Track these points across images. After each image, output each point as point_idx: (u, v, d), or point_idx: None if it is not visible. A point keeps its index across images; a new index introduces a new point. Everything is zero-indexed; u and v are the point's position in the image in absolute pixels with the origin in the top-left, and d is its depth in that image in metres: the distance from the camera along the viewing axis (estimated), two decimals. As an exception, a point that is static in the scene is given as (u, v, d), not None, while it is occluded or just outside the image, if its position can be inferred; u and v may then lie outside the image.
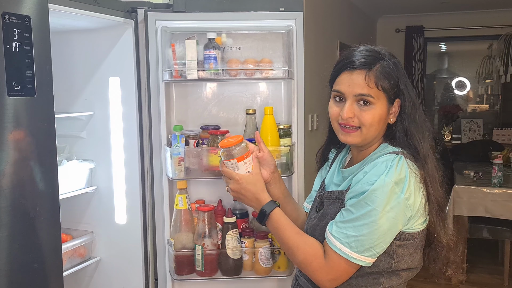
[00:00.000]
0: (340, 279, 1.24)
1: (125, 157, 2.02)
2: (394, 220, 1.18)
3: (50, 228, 1.40)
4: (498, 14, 5.87)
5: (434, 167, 1.27)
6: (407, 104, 1.26)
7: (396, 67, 1.26)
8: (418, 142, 1.26)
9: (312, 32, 3.50)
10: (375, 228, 1.17)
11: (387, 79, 1.23)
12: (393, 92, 1.25)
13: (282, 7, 1.93)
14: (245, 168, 1.36)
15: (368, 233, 1.17)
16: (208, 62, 1.82)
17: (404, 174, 1.19)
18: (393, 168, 1.19)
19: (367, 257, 1.20)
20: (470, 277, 3.79)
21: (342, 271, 1.22)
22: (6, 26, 1.22)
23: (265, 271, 1.94)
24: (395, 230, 1.21)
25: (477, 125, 6.18)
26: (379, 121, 1.26)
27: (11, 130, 1.25)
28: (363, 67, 1.24)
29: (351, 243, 1.19)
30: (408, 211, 1.20)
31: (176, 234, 1.91)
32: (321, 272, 1.24)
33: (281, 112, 2.06)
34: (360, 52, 1.27)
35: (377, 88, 1.23)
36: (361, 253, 1.19)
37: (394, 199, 1.17)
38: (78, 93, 2.06)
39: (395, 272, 1.26)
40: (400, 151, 1.25)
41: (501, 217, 3.49)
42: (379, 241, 1.19)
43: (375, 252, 1.20)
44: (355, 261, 1.19)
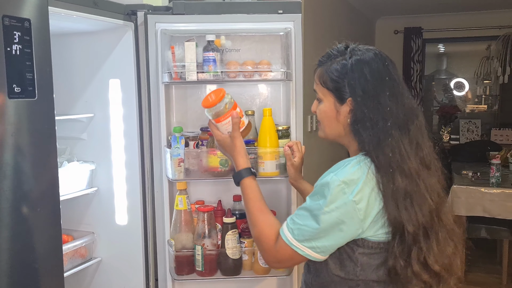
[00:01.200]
0: (285, 263, 1.29)
1: (125, 158, 2.03)
2: (338, 220, 1.15)
3: (51, 229, 1.42)
4: (496, 15, 5.88)
5: (415, 185, 1.17)
6: (360, 107, 1.21)
7: (344, 67, 1.23)
8: (380, 151, 1.18)
9: (311, 34, 3.52)
10: (316, 222, 1.17)
11: (329, 76, 1.26)
12: (340, 90, 1.24)
13: (281, 10, 1.93)
14: (226, 128, 1.41)
15: (310, 224, 1.18)
16: (207, 64, 1.83)
17: (358, 176, 1.16)
18: (347, 167, 1.18)
19: (307, 248, 1.19)
20: (468, 277, 3.80)
21: (287, 256, 1.23)
22: (7, 29, 1.23)
23: (264, 271, 1.95)
24: (342, 230, 1.16)
25: (475, 125, 6.20)
26: (328, 118, 1.28)
27: (12, 132, 1.27)
28: (318, 64, 1.31)
29: (294, 230, 1.21)
30: (357, 215, 1.15)
31: (176, 235, 1.92)
32: (269, 253, 1.27)
33: (280, 114, 2.07)
34: (328, 50, 1.32)
35: (321, 84, 1.28)
36: (301, 242, 1.19)
37: (341, 199, 1.15)
38: (78, 95, 2.08)
39: (368, 284, 1.22)
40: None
41: (499, 216, 3.50)
42: (320, 236, 1.18)
43: (316, 245, 1.18)
44: (295, 248, 1.20)
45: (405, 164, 1.18)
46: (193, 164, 1.88)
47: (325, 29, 4.09)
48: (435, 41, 6.70)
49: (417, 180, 1.18)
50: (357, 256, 1.20)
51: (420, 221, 1.17)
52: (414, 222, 1.16)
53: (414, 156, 1.20)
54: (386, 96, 1.21)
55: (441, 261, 1.20)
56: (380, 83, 1.22)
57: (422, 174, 1.20)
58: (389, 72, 1.24)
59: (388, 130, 1.19)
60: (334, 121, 1.28)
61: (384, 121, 1.19)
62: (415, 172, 1.18)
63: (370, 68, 1.22)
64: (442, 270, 1.20)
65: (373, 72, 1.22)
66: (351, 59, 1.24)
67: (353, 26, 5.35)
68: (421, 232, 1.18)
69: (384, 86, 1.21)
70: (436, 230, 1.21)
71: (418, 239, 1.17)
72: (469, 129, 6.19)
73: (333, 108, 1.27)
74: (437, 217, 1.21)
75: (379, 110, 1.20)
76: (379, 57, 1.25)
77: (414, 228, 1.16)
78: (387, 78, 1.23)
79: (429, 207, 1.19)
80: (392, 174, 1.16)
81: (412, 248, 1.17)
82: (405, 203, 1.16)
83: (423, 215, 1.18)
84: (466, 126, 6.21)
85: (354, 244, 1.20)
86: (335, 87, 1.25)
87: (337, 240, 1.19)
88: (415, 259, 1.17)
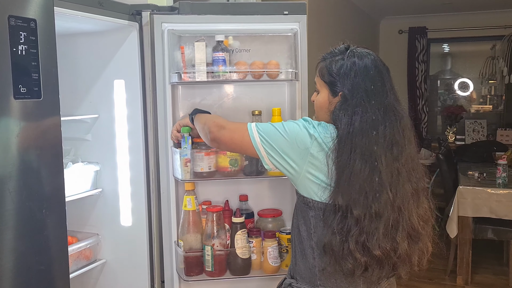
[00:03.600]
0: (226, 132, 1.49)
1: (130, 159, 2.03)
2: (295, 140, 1.35)
3: (56, 230, 1.41)
4: (501, 14, 5.86)
5: (377, 175, 1.29)
6: (346, 100, 1.36)
7: (341, 66, 1.38)
8: (351, 136, 1.31)
9: (316, 35, 3.51)
10: (279, 127, 1.40)
11: (327, 70, 1.42)
12: (334, 84, 1.40)
13: (286, 11, 1.95)
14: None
15: (274, 125, 1.41)
16: (217, 64, 1.84)
17: (324, 128, 1.35)
18: (318, 122, 1.39)
19: (259, 138, 1.40)
20: (475, 278, 3.78)
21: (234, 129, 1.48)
22: (13, 29, 1.22)
23: (273, 270, 1.96)
24: (290, 149, 1.36)
25: (481, 125, 6.17)
26: (320, 107, 1.46)
27: (17, 133, 1.26)
28: (321, 60, 1.47)
29: (257, 123, 1.45)
30: (310, 148, 1.33)
31: (184, 236, 1.92)
32: (218, 119, 1.57)
33: (285, 114, 2.06)
34: (331, 48, 1.47)
35: (319, 76, 1.46)
36: (259, 131, 1.41)
37: (307, 128, 1.36)
38: (83, 95, 2.07)
39: (321, 253, 1.35)
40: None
41: (506, 217, 3.48)
42: (275, 137, 1.38)
43: (267, 140, 1.39)
44: (250, 130, 1.41)
45: (370, 155, 1.29)
46: (203, 164, 1.88)
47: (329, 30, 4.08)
48: (440, 41, 6.69)
49: (380, 171, 1.28)
50: (310, 220, 1.38)
51: (371, 207, 1.27)
52: (362, 208, 1.27)
53: (384, 150, 1.30)
54: (371, 94, 1.34)
55: (382, 247, 1.28)
56: (369, 83, 1.35)
57: (390, 167, 1.30)
58: (378, 76, 1.38)
59: (365, 120, 1.31)
60: (326, 109, 1.44)
61: (363, 111, 1.32)
62: (380, 163, 1.29)
63: (363, 69, 1.38)
64: (383, 255, 1.28)
65: (364, 72, 1.36)
66: (348, 59, 1.39)
67: (357, 26, 5.34)
68: (368, 216, 1.27)
69: (371, 86, 1.35)
70: (388, 218, 1.29)
71: (362, 222, 1.27)
72: (474, 129, 6.17)
73: (327, 99, 1.43)
74: (397, 208, 1.30)
75: (360, 104, 1.33)
76: (373, 60, 1.39)
77: (359, 212, 1.26)
78: (374, 81, 1.36)
79: (386, 197, 1.28)
80: (354, 159, 1.28)
81: (352, 228, 1.27)
82: (356, 187, 1.27)
83: (378, 202, 1.27)
84: (471, 127, 6.19)
85: (307, 207, 1.37)
86: (330, 82, 1.41)
87: (283, 150, 1.37)
88: (353, 239, 1.27)
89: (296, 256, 1.47)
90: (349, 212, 1.28)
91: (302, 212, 1.41)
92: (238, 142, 1.46)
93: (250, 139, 1.41)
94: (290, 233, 1.94)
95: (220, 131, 1.51)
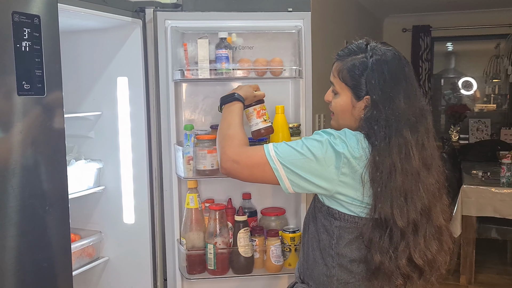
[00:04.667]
0: (241, 167, 1.31)
1: (133, 156, 2.02)
2: (324, 161, 1.22)
3: (59, 228, 1.41)
4: (505, 13, 5.83)
5: (414, 184, 1.23)
6: (376, 106, 1.25)
7: (365, 65, 1.27)
8: (387, 148, 1.22)
9: (320, 32, 3.50)
10: (304, 150, 1.25)
11: (348, 72, 1.29)
12: (358, 87, 1.28)
13: (290, 7, 1.94)
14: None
15: (298, 150, 1.26)
16: (220, 62, 1.83)
17: (353, 141, 1.23)
18: (344, 132, 1.27)
19: (283, 169, 1.25)
20: (479, 278, 3.77)
21: (251, 163, 1.30)
22: (16, 25, 1.22)
23: (276, 269, 1.95)
24: (320, 174, 1.23)
25: (485, 124, 6.14)
26: (342, 111, 1.33)
27: (21, 130, 1.26)
28: (338, 58, 1.35)
29: (278, 148, 1.28)
30: (341, 167, 1.21)
31: (186, 234, 1.91)
32: (234, 148, 1.35)
33: (289, 111, 2.06)
34: (347, 45, 1.36)
35: (339, 78, 1.32)
36: (280, 159, 1.25)
37: (334, 146, 1.23)
38: (86, 93, 2.07)
39: (342, 265, 1.28)
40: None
41: (509, 217, 3.46)
42: (300, 164, 1.24)
43: (292, 170, 1.24)
44: (271, 162, 1.26)
45: (409, 164, 1.23)
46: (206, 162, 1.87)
47: (333, 27, 4.07)
48: (444, 40, 6.66)
49: (417, 180, 1.23)
50: (333, 229, 1.28)
51: (412, 217, 1.22)
52: (405, 219, 1.21)
53: (418, 157, 1.24)
54: (401, 97, 1.25)
55: (425, 257, 1.25)
56: (397, 84, 1.26)
57: (422, 174, 1.25)
58: (405, 73, 1.28)
59: (400, 130, 1.23)
60: (349, 114, 1.33)
61: (397, 121, 1.24)
62: (416, 172, 1.23)
63: (390, 69, 1.26)
64: (425, 264, 1.25)
65: (391, 73, 1.26)
66: (372, 58, 1.28)
67: (361, 24, 5.33)
68: (411, 228, 1.22)
69: (400, 88, 1.27)
70: (424, 227, 1.26)
71: (407, 235, 1.22)
72: (478, 128, 6.14)
73: (349, 103, 1.31)
74: (427, 215, 1.26)
75: (393, 110, 1.24)
76: (398, 58, 1.29)
77: (404, 224, 1.21)
78: (403, 79, 1.27)
79: (422, 205, 1.24)
80: (394, 173, 1.21)
81: (400, 243, 1.22)
82: (399, 201, 1.21)
83: (415, 212, 1.22)
84: (475, 126, 6.16)
85: (331, 217, 1.28)
86: (354, 84, 1.30)
87: (312, 177, 1.24)
88: (402, 253, 1.22)
89: (308, 261, 1.38)
90: (394, 227, 1.21)
91: (324, 219, 1.31)
92: (259, 178, 1.31)
93: (273, 173, 1.26)
94: (293, 232, 1.94)
95: (234, 167, 1.33)
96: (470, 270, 3.65)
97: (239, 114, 1.51)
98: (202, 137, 1.85)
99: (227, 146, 1.36)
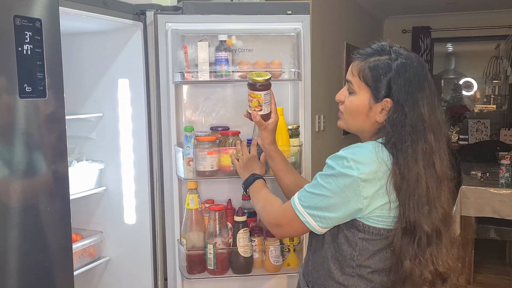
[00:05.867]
0: (285, 228, 1.32)
1: (134, 157, 2.04)
2: (342, 193, 1.18)
3: (61, 228, 1.42)
4: (505, 14, 5.84)
5: (437, 190, 1.22)
6: (400, 109, 1.22)
7: (389, 67, 1.23)
8: (410, 155, 1.19)
9: (319, 34, 3.51)
10: (322, 191, 1.22)
11: (371, 72, 1.24)
12: (379, 88, 1.24)
13: (289, 10, 1.95)
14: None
15: (316, 192, 1.23)
16: (220, 64, 1.84)
17: (368, 156, 1.18)
18: (358, 147, 1.22)
19: (308, 215, 1.24)
20: (478, 278, 3.78)
21: (287, 220, 1.30)
22: (18, 29, 1.24)
23: (275, 269, 1.96)
24: (344, 206, 1.20)
25: (484, 125, 6.15)
26: (357, 112, 1.28)
27: (22, 132, 1.27)
28: (359, 57, 1.29)
29: (301, 196, 1.27)
30: (361, 192, 1.17)
31: (187, 234, 1.93)
32: (271, 215, 1.37)
33: (288, 113, 2.07)
34: (370, 45, 1.31)
35: (359, 77, 1.26)
36: (304, 208, 1.24)
37: (347, 174, 1.18)
38: (87, 94, 2.08)
39: (363, 276, 1.26)
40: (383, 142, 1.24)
41: (508, 217, 3.47)
42: (322, 205, 1.22)
43: (316, 214, 1.23)
44: (298, 213, 1.25)
45: (434, 171, 1.22)
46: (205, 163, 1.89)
47: (332, 29, 4.08)
48: (444, 41, 6.67)
49: (439, 188, 1.23)
50: (356, 241, 1.24)
51: (435, 225, 1.21)
52: (430, 226, 1.20)
53: (440, 164, 1.23)
54: (425, 104, 1.23)
55: (447, 264, 1.24)
56: (422, 90, 1.23)
57: (443, 182, 1.25)
58: (429, 81, 1.26)
59: (426, 135, 1.21)
60: (363, 116, 1.28)
61: (423, 126, 1.21)
62: (439, 180, 1.23)
63: (415, 73, 1.23)
64: (447, 272, 1.25)
65: (417, 78, 1.23)
66: (396, 61, 1.24)
67: (361, 25, 5.34)
68: (435, 235, 1.22)
69: (423, 93, 1.23)
70: (446, 234, 1.26)
71: (433, 241, 1.22)
72: (478, 129, 6.15)
73: (367, 103, 1.26)
74: (448, 223, 1.26)
75: (419, 116, 1.21)
76: (422, 65, 1.27)
77: (430, 230, 1.20)
78: (427, 87, 1.25)
79: (443, 213, 1.23)
80: (421, 179, 1.19)
81: (426, 250, 1.21)
82: (425, 208, 1.20)
83: (438, 220, 1.22)
84: (475, 126, 6.17)
85: (355, 229, 1.24)
86: (375, 85, 1.24)
87: (338, 212, 1.21)
88: (429, 261, 1.21)
89: (320, 270, 1.33)
90: (421, 234, 1.20)
91: (346, 230, 1.25)
92: (300, 229, 1.29)
93: (308, 227, 1.26)
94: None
95: (279, 230, 1.36)
96: (469, 271, 3.66)
97: (263, 187, 1.57)
98: (202, 139, 1.87)
99: (266, 216, 1.42)
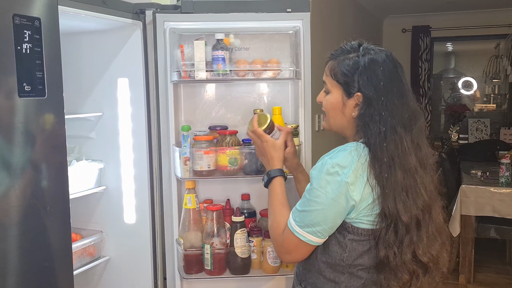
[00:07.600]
0: (293, 254, 1.31)
1: (133, 157, 2.04)
2: (334, 202, 1.21)
3: (60, 227, 1.42)
4: (505, 13, 5.84)
5: (413, 180, 1.24)
6: (370, 103, 1.26)
7: (357, 64, 1.28)
8: (383, 145, 1.22)
9: (319, 33, 3.51)
10: (314, 206, 1.23)
11: (340, 70, 1.30)
12: (349, 84, 1.29)
13: (289, 8, 1.94)
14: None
15: (309, 209, 1.24)
16: (217, 63, 1.83)
17: (347, 157, 1.22)
18: (338, 151, 1.25)
19: (308, 234, 1.25)
20: (478, 277, 3.77)
21: (293, 245, 1.29)
22: (17, 28, 1.23)
23: (273, 270, 1.96)
24: (338, 213, 1.23)
25: (484, 124, 6.15)
26: (333, 109, 1.34)
27: (22, 131, 1.27)
28: (331, 57, 1.36)
29: (296, 217, 1.27)
30: (351, 195, 1.20)
31: (184, 233, 1.92)
32: (277, 242, 1.34)
33: (288, 112, 2.07)
34: (341, 45, 1.37)
35: (331, 76, 1.33)
36: (302, 228, 1.25)
37: (335, 181, 1.21)
38: (87, 94, 2.08)
39: (353, 273, 1.28)
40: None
41: (508, 216, 3.47)
42: (319, 219, 1.23)
43: (316, 230, 1.24)
44: (298, 235, 1.26)
45: (406, 160, 1.24)
46: (202, 162, 1.88)
47: (332, 28, 4.08)
48: (443, 40, 6.66)
49: (415, 175, 1.24)
50: (346, 242, 1.27)
51: (414, 213, 1.23)
52: (408, 214, 1.22)
53: (414, 154, 1.26)
54: (394, 96, 1.27)
55: (429, 254, 1.26)
56: (390, 83, 1.28)
57: (419, 171, 1.26)
58: (398, 74, 1.30)
59: (394, 126, 1.25)
60: (339, 112, 1.33)
61: (391, 118, 1.25)
62: (413, 168, 1.24)
63: (382, 68, 1.28)
64: (429, 262, 1.26)
65: (384, 72, 1.28)
66: (364, 57, 1.29)
67: (360, 24, 5.33)
68: (414, 223, 1.24)
69: (393, 86, 1.27)
70: (426, 224, 1.27)
71: (411, 230, 1.23)
72: (478, 128, 6.15)
73: (340, 100, 1.32)
74: (428, 213, 1.27)
75: (387, 107, 1.25)
76: (390, 59, 1.32)
77: (408, 219, 1.22)
78: (396, 79, 1.29)
79: (423, 202, 1.25)
80: (394, 168, 1.22)
81: (404, 238, 1.23)
82: (401, 196, 1.22)
83: (417, 208, 1.24)
84: (475, 125, 6.17)
85: (345, 231, 1.26)
86: (345, 81, 1.30)
87: (335, 220, 1.24)
88: (407, 248, 1.23)
89: (311, 270, 1.35)
90: (398, 221, 1.22)
91: (337, 232, 1.28)
92: (305, 251, 1.30)
93: (313, 245, 1.27)
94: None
95: (291, 258, 1.35)
96: (469, 270, 3.66)
97: (278, 191, 1.46)
98: (199, 138, 1.87)
99: (273, 240, 1.37)
